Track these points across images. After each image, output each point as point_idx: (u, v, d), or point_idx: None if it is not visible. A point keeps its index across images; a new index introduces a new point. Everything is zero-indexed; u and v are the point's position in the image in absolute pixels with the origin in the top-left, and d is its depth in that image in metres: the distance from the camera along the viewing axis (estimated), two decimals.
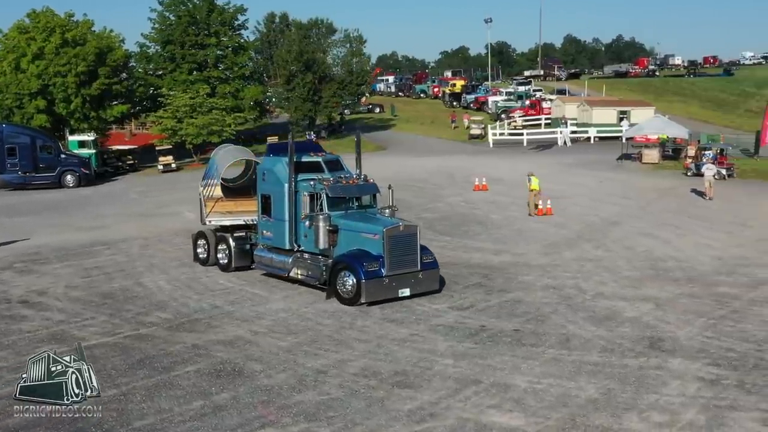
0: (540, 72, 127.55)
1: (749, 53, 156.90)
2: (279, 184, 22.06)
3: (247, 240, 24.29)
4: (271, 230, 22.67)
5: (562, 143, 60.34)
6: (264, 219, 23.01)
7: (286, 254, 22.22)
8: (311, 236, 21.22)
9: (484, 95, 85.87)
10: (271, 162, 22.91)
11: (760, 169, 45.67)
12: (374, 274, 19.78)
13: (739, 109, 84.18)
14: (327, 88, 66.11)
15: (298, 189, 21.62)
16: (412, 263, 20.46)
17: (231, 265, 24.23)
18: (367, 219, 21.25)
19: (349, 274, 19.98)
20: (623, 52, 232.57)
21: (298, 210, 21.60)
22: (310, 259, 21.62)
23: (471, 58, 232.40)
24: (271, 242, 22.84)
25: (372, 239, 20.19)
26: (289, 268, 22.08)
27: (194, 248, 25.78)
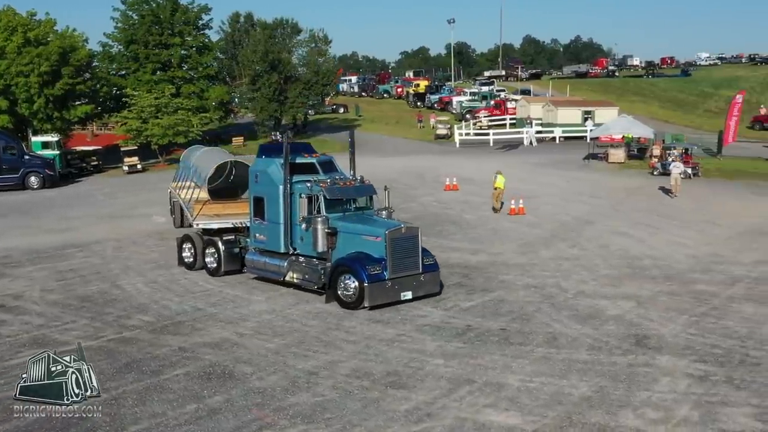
0: (501, 72, 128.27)
1: (704, 54, 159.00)
2: (273, 186, 21.52)
3: (236, 243, 23.70)
4: (265, 233, 22.07)
5: (528, 143, 60.77)
6: (257, 222, 22.39)
7: (281, 258, 21.67)
8: (308, 239, 20.74)
9: (449, 95, 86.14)
10: (264, 163, 22.35)
11: (724, 168, 46.47)
12: (377, 277, 19.40)
13: (698, 110, 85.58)
14: (292, 88, 65.80)
15: (293, 191, 21.16)
16: (413, 266, 20.15)
17: (221, 269, 23.58)
18: (366, 221, 20.91)
19: (351, 278, 19.55)
20: (581, 52, 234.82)
21: (294, 212, 21.13)
22: (307, 263, 21.14)
23: (431, 59, 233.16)
24: (264, 245, 22.23)
25: (374, 242, 19.83)
26: (284, 272, 21.53)
27: (179, 252, 25.09)
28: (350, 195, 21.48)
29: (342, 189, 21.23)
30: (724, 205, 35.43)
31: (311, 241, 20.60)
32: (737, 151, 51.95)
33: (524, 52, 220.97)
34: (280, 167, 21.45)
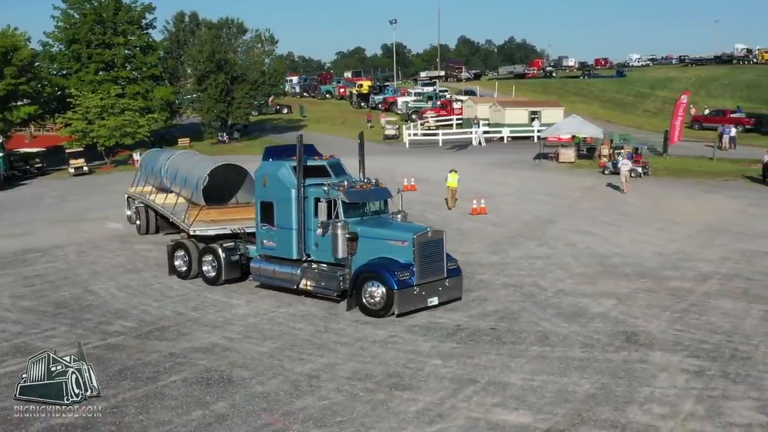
0: (441, 73, 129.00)
1: (635, 55, 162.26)
2: (285, 190, 20.62)
3: (236, 250, 22.65)
4: (274, 239, 21.11)
5: (476, 143, 61.23)
6: (265, 227, 21.40)
7: (293, 265, 20.73)
8: (325, 245, 19.91)
9: (393, 96, 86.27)
10: (272, 167, 21.37)
11: (671, 167, 47.53)
12: (405, 283, 18.74)
13: (637, 110, 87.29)
14: (239, 88, 65.07)
15: (306, 195, 20.31)
16: (439, 270, 19.62)
17: (221, 277, 22.46)
18: (389, 225, 20.25)
19: (377, 284, 18.83)
20: (515, 53, 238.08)
21: (307, 217, 20.30)
22: (323, 270, 20.29)
23: (368, 59, 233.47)
24: (273, 252, 21.23)
25: (400, 246, 19.11)
26: (296, 280, 20.59)
27: (170, 260, 23.77)
28: (369, 198, 20.75)
29: (360, 192, 20.47)
30: (678, 203, 36.22)
31: (328, 247, 19.73)
32: (681, 150, 53.08)
33: (459, 53, 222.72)
34: (291, 170, 20.63)
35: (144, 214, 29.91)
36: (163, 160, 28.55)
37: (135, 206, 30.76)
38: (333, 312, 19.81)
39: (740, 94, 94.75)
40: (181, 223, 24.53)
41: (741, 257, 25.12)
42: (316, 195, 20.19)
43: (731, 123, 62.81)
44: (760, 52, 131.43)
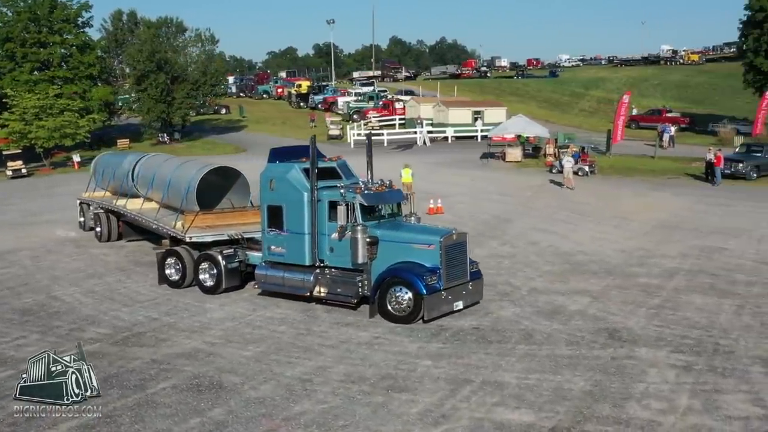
0: (376, 73, 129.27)
1: (565, 56, 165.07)
2: (296, 193, 19.76)
3: (236, 257, 21.75)
4: (284, 245, 20.17)
5: (421, 143, 61.53)
6: (272, 233, 20.42)
7: (305, 271, 19.88)
8: (341, 250, 19.17)
9: (333, 96, 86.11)
10: (280, 169, 20.42)
11: (616, 165, 48.45)
12: (434, 288, 18.14)
13: (573, 109, 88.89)
14: (180, 88, 64.11)
15: (320, 198, 19.48)
16: (463, 274, 19.13)
17: (220, 286, 21.46)
18: (411, 228, 19.65)
19: (404, 289, 18.21)
20: (446, 53, 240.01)
21: (320, 221, 19.56)
22: (340, 276, 19.56)
23: (300, 59, 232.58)
24: (283, 259, 20.29)
25: (426, 250, 18.51)
26: (309, 287, 19.81)
27: (160, 269, 22.62)
28: (386, 201, 20.05)
29: (377, 195, 19.74)
30: (628, 200, 36.92)
31: (345, 252, 19.04)
32: (622, 149, 54.19)
33: (391, 53, 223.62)
34: (301, 172, 19.85)
35: (105, 220, 28.89)
36: (128, 165, 27.71)
37: (93, 212, 29.80)
38: (311, 315, 19.62)
39: (670, 94, 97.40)
40: (171, 230, 23.07)
41: (701, 253, 25.70)
42: (331, 198, 19.36)
43: (667, 122, 64.40)
44: (686, 54, 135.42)
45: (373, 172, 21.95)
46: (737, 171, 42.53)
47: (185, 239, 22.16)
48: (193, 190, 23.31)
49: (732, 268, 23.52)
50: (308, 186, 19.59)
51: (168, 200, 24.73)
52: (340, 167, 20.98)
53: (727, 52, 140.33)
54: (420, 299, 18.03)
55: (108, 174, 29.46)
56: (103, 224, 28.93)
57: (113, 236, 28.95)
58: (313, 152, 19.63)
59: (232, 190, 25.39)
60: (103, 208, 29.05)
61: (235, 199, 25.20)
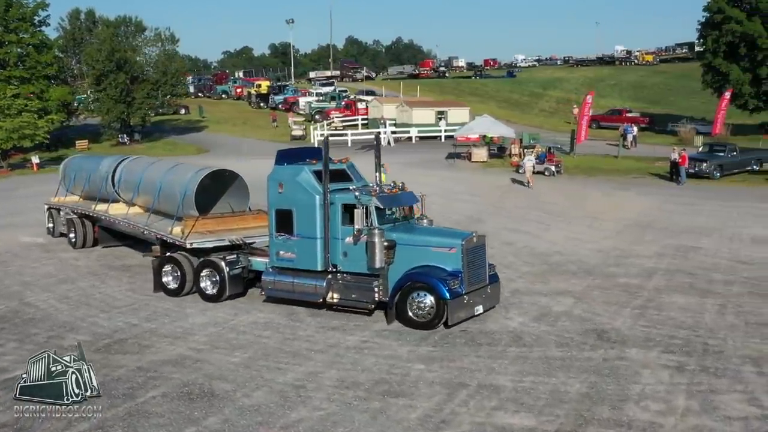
0: (334, 73, 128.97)
1: (521, 56, 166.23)
2: (307, 196, 19.11)
3: (239, 263, 21.03)
4: (294, 250, 19.49)
5: (386, 143, 61.25)
6: (281, 237, 19.72)
7: (317, 277, 19.25)
8: (355, 254, 18.63)
9: (294, 96, 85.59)
10: (289, 171, 19.71)
11: (581, 165, 48.84)
12: (457, 292, 17.71)
13: (533, 109, 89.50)
14: (140, 88, 63.18)
15: (332, 201, 18.87)
16: (482, 277, 18.75)
17: (224, 293, 20.71)
18: (430, 232, 19.24)
19: (426, 294, 17.73)
20: (403, 53, 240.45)
21: (333, 225, 18.94)
22: (354, 281, 18.96)
23: (256, 59, 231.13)
24: (293, 264, 19.60)
25: (446, 253, 18.04)
26: (322, 293, 19.12)
27: (157, 277, 21.81)
28: (401, 203, 19.50)
29: (392, 197, 19.21)
30: (597, 200, 37.22)
31: (360, 257, 18.52)
32: (586, 149, 54.63)
33: (347, 53, 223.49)
34: (312, 175, 19.24)
35: (80, 226, 27.94)
36: (107, 168, 26.76)
37: (65, 218, 28.90)
38: (296, 318, 19.36)
39: (627, 94, 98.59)
40: (168, 237, 22.06)
41: (676, 253, 25.94)
42: (345, 201, 18.77)
43: (627, 122, 65.10)
44: (640, 54, 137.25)
45: (380, 174, 21.57)
46: (701, 170, 43.14)
47: (185, 245, 21.30)
48: (191, 195, 22.39)
49: (708, 267, 23.77)
50: (320, 189, 18.95)
51: (159, 205, 23.82)
52: (349, 169, 20.46)
53: (680, 53, 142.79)
54: (443, 304, 17.57)
55: (81, 178, 28.61)
56: (78, 230, 27.97)
57: (88, 242, 28.07)
58: (325, 154, 18.98)
59: (230, 193, 24.43)
60: (77, 213, 28.15)
61: (234, 202, 24.27)
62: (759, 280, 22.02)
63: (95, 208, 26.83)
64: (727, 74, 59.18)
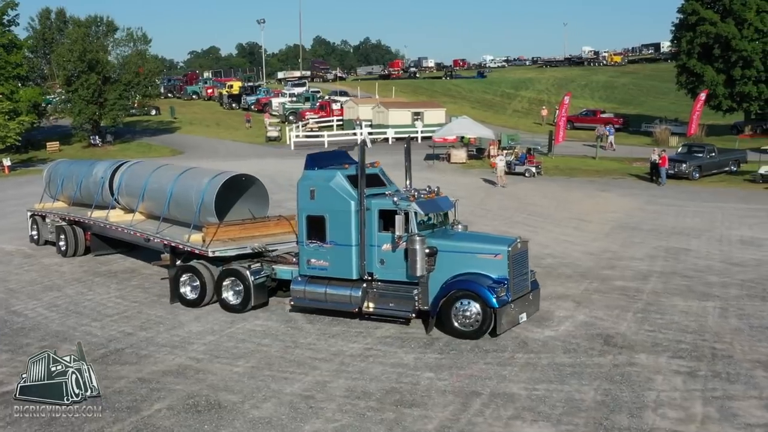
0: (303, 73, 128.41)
1: (489, 57, 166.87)
2: (341, 202, 18.35)
3: (263, 271, 20.24)
4: (327, 258, 18.75)
5: None
6: (312, 245, 18.95)
7: (352, 286, 18.51)
8: (393, 262, 18.00)
9: (266, 96, 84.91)
10: (321, 176, 18.95)
11: (560, 166, 48.98)
12: (504, 300, 17.18)
13: (507, 110, 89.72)
14: (112, 89, 62.23)
15: (369, 207, 18.16)
16: (526, 284, 18.28)
17: (249, 304, 19.88)
18: (472, 238, 18.78)
19: (471, 303, 17.19)
20: (371, 53, 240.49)
21: (370, 232, 18.18)
22: (392, 289, 18.25)
23: (223, 59, 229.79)
24: (325, 272, 18.85)
25: (492, 260, 17.52)
26: (357, 303, 18.40)
27: (174, 287, 20.88)
28: (439, 209, 18.92)
29: (431, 203, 18.60)
30: (580, 201, 37.29)
31: (398, 264, 17.93)
32: (563, 149, 54.83)
33: (316, 53, 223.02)
34: (346, 179, 18.48)
35: (71, 233, 26.87)
36: (102, 174, 25.75)
37: (52, 225, 27.90)
38: (294, 326, 18.99)
39: (598, 95, 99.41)
40: (187, 245, 21.10)
41: (667, 254, 25.94)
42: (382, 207, 18.12)
43: (602, 123, 65.48)
44: (609, 55, 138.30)
45: (411, 178, 20.86)
46: (680, 171, 43.40)
47: (207, 253, 20.43)
48: (210, 201, 21.30)
49: (702, 270, 23.76)
50: (355, 194, 18.29)
51: (170, 212, 22.80)
52: (381, 174, 19.82)
53: (646, 54, 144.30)
54: (491, 313, 17.07)
55: (70, 184, 27.54)
56: (69, 238, 26.88)
57: (80, 250, 27.05)
58: (362, 157, 18.24)
59: (248, 198, 23.27)
60: (68, 220, 27.11)
61: (254, 208, 23.22)
62: (755, 283, 22.02)
63: (92, 215, 25.74)
64: (701, 75, 59.75)
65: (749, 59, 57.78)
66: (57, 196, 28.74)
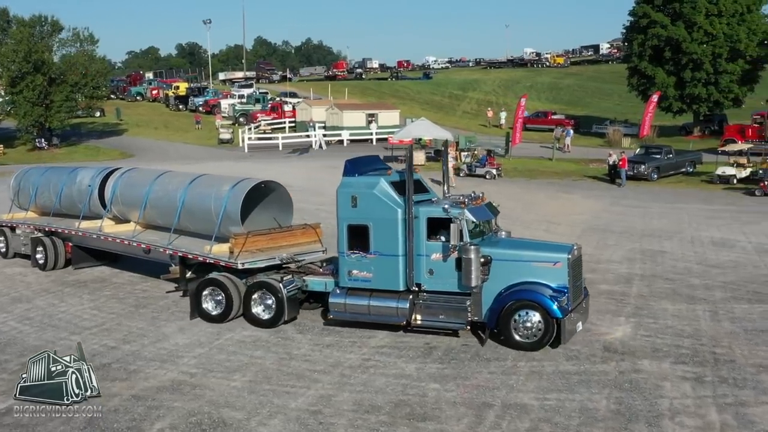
0: (249, 74, 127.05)
1: (432, 58, 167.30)
2: (387, 209, 17.51)
3: (294, 283, 19.20)
4: (370, 269, 17.84)
5: (317, 146, 60.49)
6: (354, 255, 18.02)
7: (398, 298, 17.68)
8: (443, 272, 17.27)
9: (215, 98, 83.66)
10: (363, 183, 18.05)
11: (518, 167, 49.13)
12: (566, 309, 16.52)
13: (456, 111, 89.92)
14: (58, 91, 60.52)
15: (417, 215, 17.41)
16: (581, 292, 17.79)
17: (281, 318, 18.81)
18: (525, 245, 18.32)
19: (531, 313, 16.59)
20: (312, 54, 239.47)
21: (418, 241, 17.37)
22: (442, 300, 17.51)
23: (162, 59, 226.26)
24: (369, 284, 17.96)
25: (551, 268, 16.92)
26: (405, 315, 17.59)
27: (196, 302, 19.64)
28: (488, 216, 18.18)
29: (481, 210, 17.93)
30: (545, 203, 37.38)
31: (448, 274, 17.23)
32: (520, 151, 55.05)
33: (257, 53, 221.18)
34: (391, 186, 17.73)
35: (50, 245, 25.21)
36: (89, 181, 24.35)
37: (27, 236, 26.14)
38: (283, 336, 18.44)
39: (545, 96, 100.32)
40: (210, 257, 19.99)
41: (644, 257, 26.04)
42: (431, 214, 17.38)
43: (555, 124, 66.03)
44: (551, 57, 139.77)
45: (449, 184, 20.03)
46: (639, 172, 43.86)
47: (236, 266, 19.34)
48: (236, 210, 20.02)
49: (682, 272, 23.87)
50: (401, 201, 17.50)
51: (181, 223, 21.55)
52: (422, 180, 19.07)
53: (586, 55, 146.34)
54: (553, 323, 16.48)
55: (46, 193, 25.93)
56: (48, 250, 25.26)
57: (60, 263, 25.43)
58: (409, 162, 17.60)
59: (270, 205, 21.94)
60: (46, 231, 25.58)
61: (279, 216, 21.90)
62: (737, 285, 22.17)
63: (80, 225, 24.27)
64: (652, 77, 60.58)
65: (699, 62, 58.80)
66: (29, 205, 26.98)
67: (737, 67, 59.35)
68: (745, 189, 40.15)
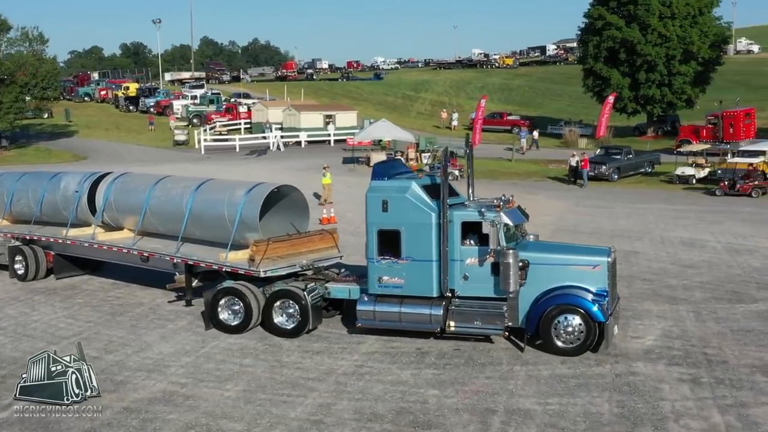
0: (198, 74, 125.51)
1: (381, 58, 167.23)
2: (420, 213, 17.14)
3: (317, 290, 18.63)
4: (402, 275, 17.39)
5: (275, 148, 59.95)
6: (385, 261, 17.55)
7: (432, 304, 17.24)
8: (479, 277, 16.97)
9: (167, 99, 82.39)
10: (395, 186, 17.66)
11: (479, 169, 48.78)
12: (607, 313, 16.34)
13: (411, 112, 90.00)
14: (7, 92, 58.94)
15: (451, 219, 17.00)
16: (616, 295, 17.72)
17: (305, 327, 18.17)
18: (562, 249, 18.19)
19: (572, 317, 16.32)
20: (260, 54, 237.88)
21: (452, 245, 16.97)
22: (477, 306, 17.11)
23: (106, 59, 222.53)
24: (401, 291, 17.49)
25: (590, 272, 16.76)
26: (439, 322, 17.11)
27: (212, 311, 18.88)
28: (522, 220, 17.94)
29: (515, 213, 17.68)
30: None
31: (484, 279, 16.96)
32: (478, 152, 55.06)
33: (203, 53, 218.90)
34: (423, 190, 17.38)
35: (31, 254, 24.11)
36: (76, 187, 23.35)
37: (2, 245, 24.85)
38: (270, 343, 18.08)
39: (496, 97, 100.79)
40: (228, 265, 19.33)
41: (619, 258, 26.01)
42: (466, 218, 17.10)
43: (510, 125, 66.43)
44: (500, 57, 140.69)
45: (474, 188, 19.46)
46: (600, 173, 44.31)
47: (258, 274, 18.62)
48: (254, 216, 19.27)
49: (659, 273, 24.06)
50: (434, 205, 17.14)
51: (187, 231, 20.66)
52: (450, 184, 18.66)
53: (533, 57, 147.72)
54: (596, 327, 16.28)
55: (24, 200, 24.77)
56: (29, 259, 24.15)
57: (41, 273, 24.34)
58: (445, 165, 17.28)
59: (283, 210, 21.07)
60: (25, 239, 24.52)
61: (296, 221, 21.08)
62: (714, 285, 22.41)
63: (67, 233, 23.31)
64: (608, 78, 61.33)
65: (653, 63, 59.75)
66: (4, 213, 25.71)
67: (690, 68, 60.49)
68: (705, 189, 40.80)
